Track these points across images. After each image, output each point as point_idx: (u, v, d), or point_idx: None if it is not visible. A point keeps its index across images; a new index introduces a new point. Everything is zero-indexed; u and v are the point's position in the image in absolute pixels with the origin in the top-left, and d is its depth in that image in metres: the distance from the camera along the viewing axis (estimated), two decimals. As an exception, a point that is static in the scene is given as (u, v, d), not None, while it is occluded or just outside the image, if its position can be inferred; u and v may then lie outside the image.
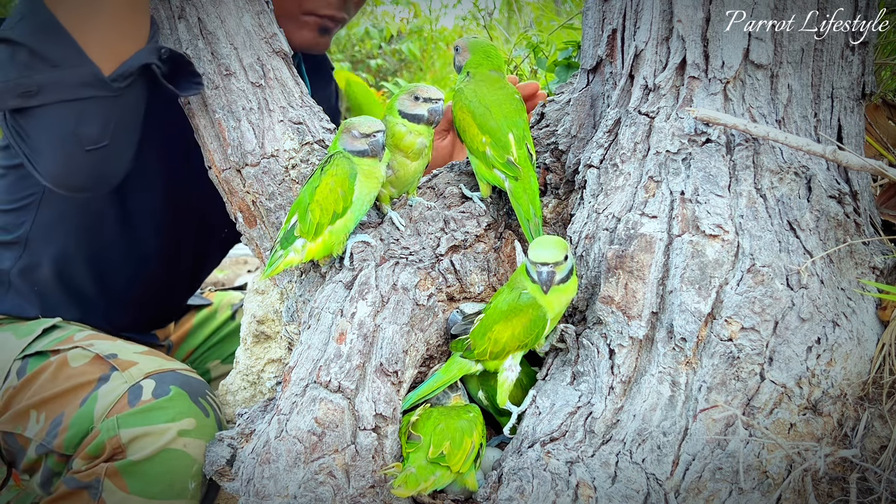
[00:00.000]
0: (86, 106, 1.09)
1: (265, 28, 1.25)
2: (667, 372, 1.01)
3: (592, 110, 1.28)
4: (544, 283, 1.05)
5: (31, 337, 1.39)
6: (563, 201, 1.31)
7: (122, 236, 1.56)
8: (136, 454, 1.19)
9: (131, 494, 1.19)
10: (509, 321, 1.09)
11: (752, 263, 0.99)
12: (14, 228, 1.51)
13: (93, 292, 1.56)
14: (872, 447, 0.99)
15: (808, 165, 1.05)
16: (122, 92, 1.11)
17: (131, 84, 1.12)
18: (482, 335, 1.11)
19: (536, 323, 1.09)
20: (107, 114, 1.12)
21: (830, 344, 0.99)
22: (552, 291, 1.06)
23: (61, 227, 1.52)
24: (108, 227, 1.54)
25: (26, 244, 1.50)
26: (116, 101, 1.12)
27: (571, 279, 1.08)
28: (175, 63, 1.18)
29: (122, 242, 1.58)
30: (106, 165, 1.18)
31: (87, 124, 1.11)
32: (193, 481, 1.22)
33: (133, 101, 1.16)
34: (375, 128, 1.15)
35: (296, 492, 0.98)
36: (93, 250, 1.54)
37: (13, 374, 1.34)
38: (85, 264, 1.54)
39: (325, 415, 1.02)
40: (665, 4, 1.11)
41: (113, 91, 1.10)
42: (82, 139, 1.11)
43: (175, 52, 1.18)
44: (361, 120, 1.17)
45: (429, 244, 1.21)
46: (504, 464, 1.05)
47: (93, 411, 1.24)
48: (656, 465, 0.97)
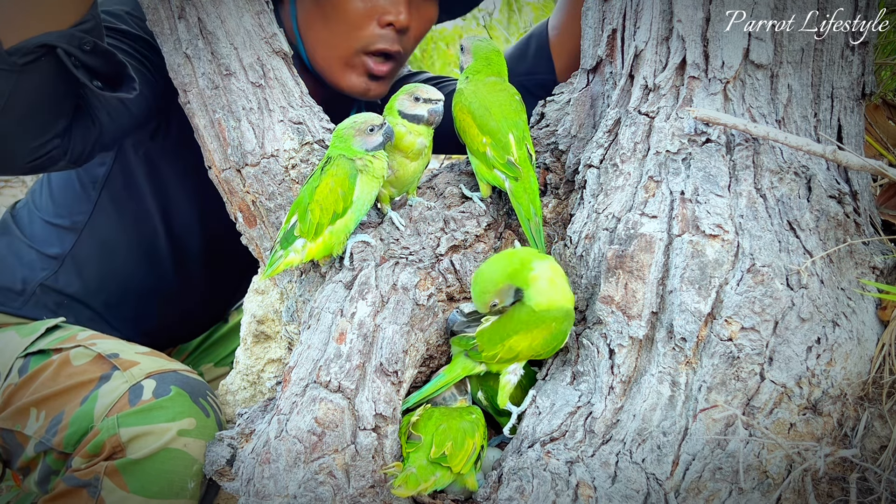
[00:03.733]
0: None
1: (265, 28, 1.25)
2: (667, 372, 1.01)
3: (592, 110, 1.28)
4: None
5: (34, 336, 1.39)
6: (563, 201, 1.31)
7: (157, 271, 1.60)
8: (135, 453, 1.19)
9: (130, 493, 1.19)
10: (530, 332, 1.08)
11: (752, 263, 0.99)
12: (54, 244, 1.54)
13: (113, 321, 1.59)
14: (872, 447, 0.99)
15: (808, 165, 1.05)
16: (20, 68, 1.07)
17: (34, 63, 1.08)
18: (495, 341, 1.10)
19: (557, 336, 1.08)
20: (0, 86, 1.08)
21: (830, 344, 0.99)
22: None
23: (101, 254, 1.55)
24: (145, 261, 1.57)
25: (62, 263, 1.53)
26: (12, 76, 1.07)
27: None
28: (107, 61, 1.16)
29: (156, 277, 1.61)
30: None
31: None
32: (193, 481, 1.22)
33: (37, 82, 1.11)
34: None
35: (296, 492, 0.98)
36: (126, 282, 1.57)
37: (14, 372, 1.35)
38: (115, 294, 1.57)
39: (325, 415, 1.02)
40: (665, 4, 1.11)
41: (8, 64, 1.06)
42: None
43: (106, 50, 1.16)
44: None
45: (429, 244, 1.21)
46: (504, 464, 1.05)
47: (93, 410, 1.24)
48: (656, 464, 0.97)
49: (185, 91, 1.23)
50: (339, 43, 1.42)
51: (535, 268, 1.06)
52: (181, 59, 1.22)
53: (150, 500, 1.20)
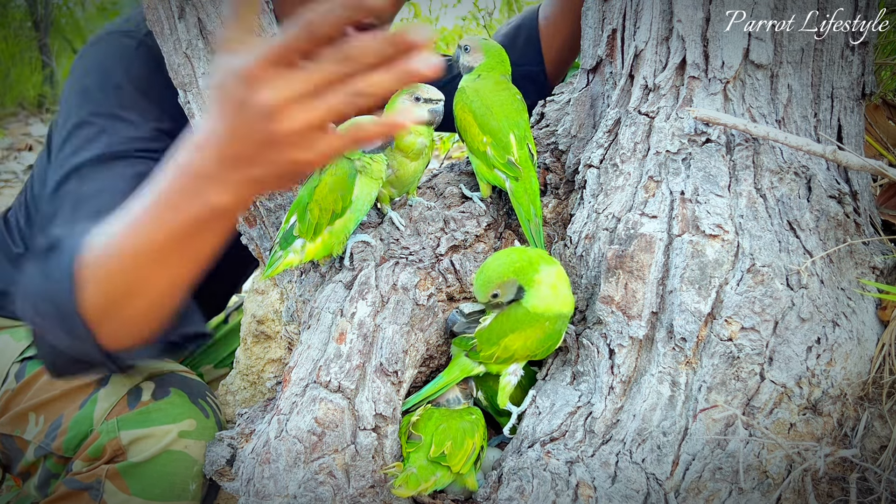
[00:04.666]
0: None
1: (265, 28, 1.25)
2: (667, 372, 1.01)
3: (592, 110, 1.28)
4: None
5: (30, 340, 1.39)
6: (563, 201, 1.31)
7: None
8: (136, 456, 1.19)
9: (132, 496, 1.19)
10: (524, 331, 1.08)
11: (752, 263, 0.99)
12: None
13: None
14: (872, 447, 0.99)
15: (808, 165, 1.05)
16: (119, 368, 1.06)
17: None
18: (492, 340, 1.11)
19: (551, 336, 1.08)
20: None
21: (830, 344, 0.99)
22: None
23: None
24: None
25: None
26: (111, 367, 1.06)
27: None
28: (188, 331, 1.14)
29: None
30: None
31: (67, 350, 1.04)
32: (194, 482, 1.22)
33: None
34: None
35: (296, 492, 0.98)
36: None
37: (11, 377, 1.34)
38: None
39: (325, 415, 1.02)
40: (665, 4, 1.11)
41: (114, 368, 1.05)
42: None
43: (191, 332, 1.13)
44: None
45: (429, 244, 1.21)
46: (504, 464, 1.05)
47: (92, 413, 1.24)
48: (656, 465, 0.97)
49: (185, 91, 1.23)
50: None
51: (541, 270, 1.07)
52: (181, 59, 1.21)
53: (152, 502, 1.20)
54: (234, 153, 0.83)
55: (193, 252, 0.94)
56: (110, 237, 0.95)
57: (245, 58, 0.75)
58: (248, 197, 0.88)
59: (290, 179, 0.87)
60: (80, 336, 0.99)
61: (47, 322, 1.00)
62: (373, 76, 0.77)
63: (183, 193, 0.89)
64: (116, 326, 1.00)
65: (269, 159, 0.82)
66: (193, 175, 0.87)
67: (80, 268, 0.95)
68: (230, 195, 0.86)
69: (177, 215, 0.89)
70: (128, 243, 0.93)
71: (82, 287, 0.95)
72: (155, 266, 0.94)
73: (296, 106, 0.78)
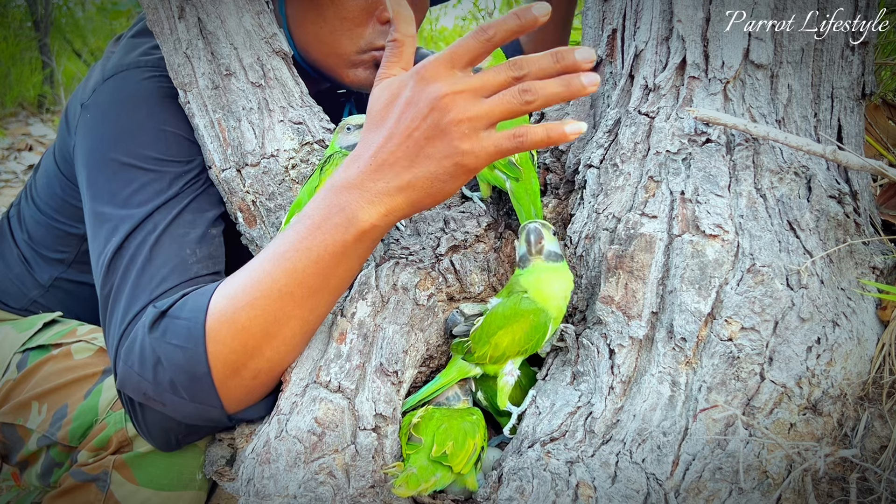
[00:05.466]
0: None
1: (265, 28, 1.25)
2: (667, 372, 1.01)
3: (592, 110, 1.28)
4: (533, 245, 1.08)
5: (32, 331, 1.39)
6: (563, 201, 1.31)
7: None
8: (143, 446, 1.20)
9: (140, 486, 1.19)
10: (510, 326, 1.09)
11: (752, 263, 0.99)
12: (43, 270, 1.52)
13: None
14: (872, 447, 0.99)
15: (808, 165, 1.05)
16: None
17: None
18: (483, 339, 1.11)
19: (538, 329, 1.08)
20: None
21: (830, 344, 0.99)
22: (547, 280, 1.06)
23: (70, 301, 1.53)
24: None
25: (47, 290, 1.52)
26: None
27: (562, 264, 1.10)
28: None
29: None
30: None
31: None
32: (201, 472, 1.22)
33: None
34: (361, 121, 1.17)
35: (296, 492, 0.98)
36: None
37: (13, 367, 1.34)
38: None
39: (325, 415, 1.02)
40: (665, 4, 1.11)
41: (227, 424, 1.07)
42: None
43: None
44: (356, 116, 1.18)
45: (429, 244, 1.21)
46: (504, 464, 1.05)
47: (97, 403, 1.24)
48: (656, 465, 0.97)
49: (185, 91, 1.23)
50: (338, 42, 1.40)
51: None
52: (181, 59, 1.21)
53: (160, 492, 1.20)
54: (391, 155, 0.83)
55: (336, 279, 0.93)
56: (243, 285, 0.93)
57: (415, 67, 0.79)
58: (394, 211, 0.88)
59: (444, 181, 0.86)
60: (208, 401, 0.98)
61: (177, 395, 0.98)
62: (545, 83, 0.82)
63: (329, 210, 0.88)
64: (241, 383, 1.00)
65: (431, 154, 0.82)
66: (340, 188, 0.87)
67: (211, 329, 0.94)
68: (376, 208, 0.86)
69: (321, 237, 0.88)
70: (265, 281, 0.92)
71: (213, 349, 0.94)
72: (293, 300, 0.93)
73: (467, 95, 0.79)
